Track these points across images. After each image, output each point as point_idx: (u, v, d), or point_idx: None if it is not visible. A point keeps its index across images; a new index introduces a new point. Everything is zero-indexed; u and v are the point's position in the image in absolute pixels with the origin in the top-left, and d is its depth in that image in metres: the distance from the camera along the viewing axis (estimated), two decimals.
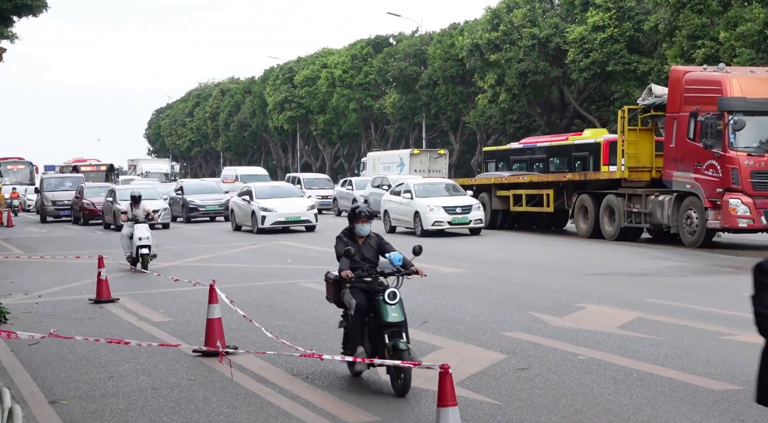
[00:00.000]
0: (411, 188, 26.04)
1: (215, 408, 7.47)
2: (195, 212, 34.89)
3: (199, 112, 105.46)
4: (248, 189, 29.81)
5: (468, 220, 24.79)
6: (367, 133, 76.83)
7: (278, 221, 27.69)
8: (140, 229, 17.33)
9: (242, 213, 29.19)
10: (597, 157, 31.08)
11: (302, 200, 29.58)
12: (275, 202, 28.25)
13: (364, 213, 8.25)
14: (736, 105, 19.00)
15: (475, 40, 51.71)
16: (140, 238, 17.17)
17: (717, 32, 34.89)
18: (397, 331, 7.76)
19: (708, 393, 7.38)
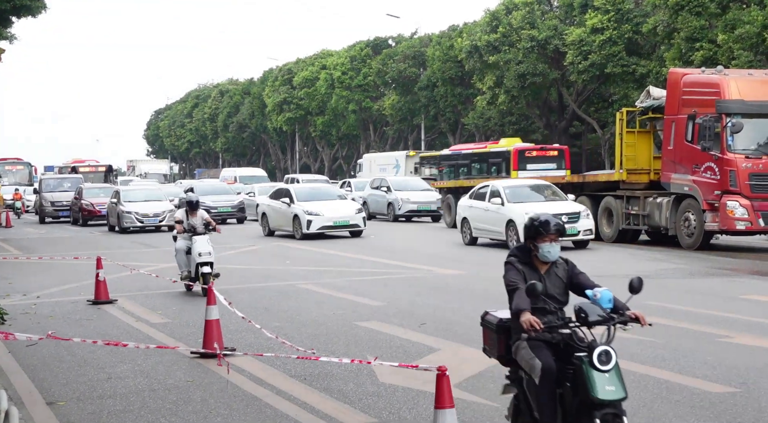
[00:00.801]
0: (500, 191, 21.55)
1: (213, 410, 7.47)
2: None
3: (198, 113, 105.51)
4: (285, 190, 27.47)
5: (576, 231, 20.06)
6: (365, 134, 76.86)
7: (326, 226, 25.32)
8: (200, 243, 14.13)
9: (279, 216, 26.74)
10: (508, 163, 36.42)
11: (348, 203, 27.37)
12: (319, 205, 25.78)
13: (555, 226, 5.78)
14: (734, 107, 19.02)
15: (474, 41, 51.77)
16: (200, 254, 14.04)
17: (715, 34, 34.94)
18: (612, 414, 5.25)
19: (705, 395, 7.39)
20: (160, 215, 30.26)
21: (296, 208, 25.82)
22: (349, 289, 14.57)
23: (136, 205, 30.45)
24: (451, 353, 9.34)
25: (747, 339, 9.62)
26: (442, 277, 16.02)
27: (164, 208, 30.40)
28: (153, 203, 30.90)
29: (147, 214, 30.11)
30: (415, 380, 7.99)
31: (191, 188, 35.84)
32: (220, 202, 33.80)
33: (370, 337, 10.44)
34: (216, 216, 32.58)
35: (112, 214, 31.58)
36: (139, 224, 29.91)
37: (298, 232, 25.64)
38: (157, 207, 30.69)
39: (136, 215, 29.94)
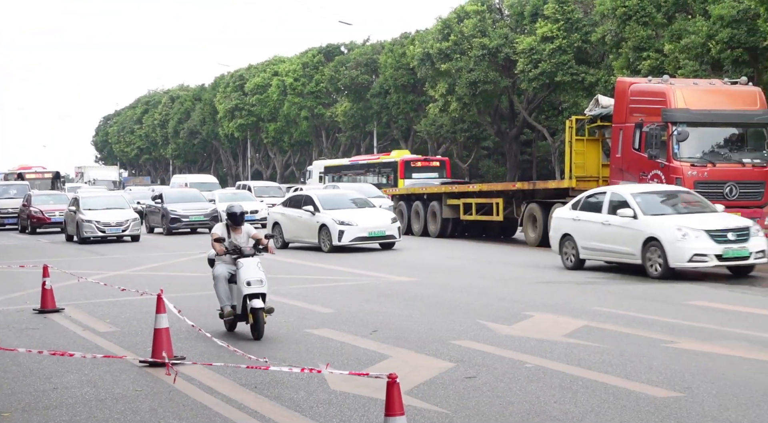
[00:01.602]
0: (629, 200, 16.54)
1: (162, 419, 7.40)
2: (177, 223, 31.56)
3: (148, 119, 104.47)
4: (306, 197, 24.32)
5: (746, 254, 15.48)
6: (318, 141, 76.76)
7: (360, 237, 22.58)
8: (248, 268, 10.76)
9: (299, 227, 23.84)
10: (396, 173, 42.38)
11: (381, 212, 24.51)
12: (350, 214, 23.01)
13: None
14: (679, 116, 19.38)
15: (426, 49, 52.05)
16: (249, 283, 10.68)
17: (662, 44, 35.58)
18: None
19: (650, 400, 7.51)
20: (123, 224, 28.43)
21: (323, 218, 22.90)
22: (300, 297, 14.54)
23: (97, 214, 28.55)
24: (402, 360, 9.37)
25: (691, 344, 9.80)
26: (393, 284, 16.05)
27: (127, 217, 28.60)
28: (115, 211, 28.99)
29: (109, 223, 28.24)
30: (366, 387, 8.00)
31: (160, 195, 33.57)
32: (191, 210, 31.97)
33: (321, 344, 10.42)
34: (187, 225, 31.71)
35: (69, 223, 29.56)
36: (101, 234, 28.11)
37: (325, 244, 22.76)
38: (120, 215, 28.76)
39: (98, 224, 28.09)
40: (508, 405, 7.50)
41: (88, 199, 30.04)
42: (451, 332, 10.88)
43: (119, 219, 28.50)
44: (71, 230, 29.38)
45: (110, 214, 28.69)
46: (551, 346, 9.86)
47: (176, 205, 32.15)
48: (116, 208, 29.52)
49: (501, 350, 9.73)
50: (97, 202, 29.76)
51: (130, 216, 28.71)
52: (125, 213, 29.05)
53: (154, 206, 33.47)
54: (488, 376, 8.53)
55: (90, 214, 28.50)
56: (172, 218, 31.61)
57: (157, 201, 33.43)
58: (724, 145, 19.82)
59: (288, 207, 24.82)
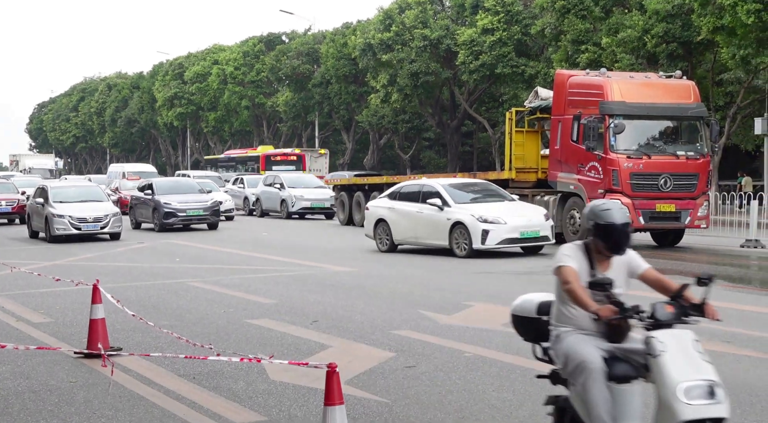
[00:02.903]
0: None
1: (97, 411, 7.28)
2: (173, 218, 27.39)
3: (84, 107, 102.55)
4: (428, 188, 19.57)
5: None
6: (259, 130, 76.23)
7: (509, 239, 18.28)
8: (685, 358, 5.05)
9: (418, 224, 19.31)
10: (258, 165, 47.15)
11: (529, 206, 20.01)
12: (492, 210, 18.62)
13: None
14: (616, 109, 19.69)
15: (368, 39, 52.02)
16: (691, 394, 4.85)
17: (599, 38, 36.13)
18: None
19: None
20: (102, 220, 23.99)
21: (457, 214, 18.47)
22: (241, 287, 14.44)
23: (71, 207, 24.23)
24: (343, 350, 9.37)
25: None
26: (334, 274, 16.04)
27: (107, 211, 24.27)
28: (92, 205, 24.73)
29: (85, 219, 23.88)
30: (306, 377, 7.98)
31: (150, 185, 28.93)
32: (189, 203, 27.65)
33: (261, 334, 10.37)
34: (184, 220, 27.51)
35: (36, 218, 25.47)
36: (75, 231, 23.84)
37: (461, 247, 18.37)
38: (98, 209, 24.39)
39: (71, 220, 23.79)
40: (447, 393, 7.55)
41: (59, 190, 25.82)
42: (391, 322, 10.91)
43: (97, 213, 24.15)
44: (37, 226, 25.34)
45: (86, 207, 24.42)
46: (490, 335, 9.95)
47: (170, 197, 27.79)
48: (93, 200, 25.32)
49: (441, 340, 9.79)
50: (69, 194, 25.60)
51: (109, 210, 24.53)
52: (103, 206, 24.76)
53: (143, 198, 28.91)
54: (428, 366, 8.57)
55: (62, 208, 24.21)
56: (166, 212, 27.37)
57: (147, 192, 28.81)
58: (659, 138, 20.21)
59: (398, 200, 20.04)
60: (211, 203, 27.88)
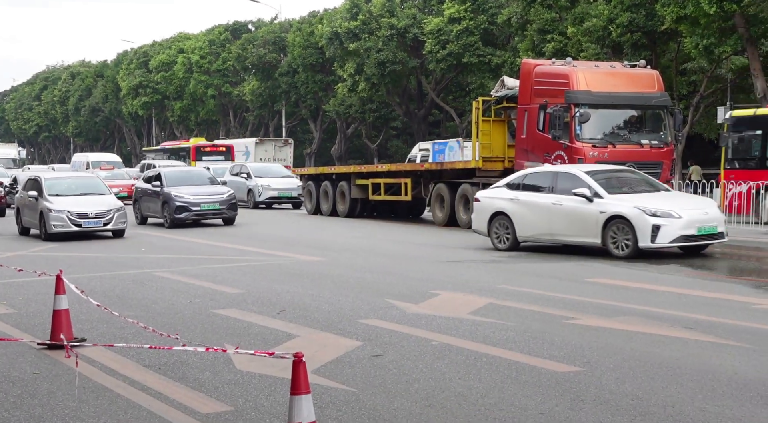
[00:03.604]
0: None
1: (61, 402, 7.22)
2: (186, 213, 24.50)
3: (47, 96, 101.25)
4: (566, 175, 16.82)
5: None
6: (225, 120, 75.78)
7: (684, 236, 15.47)
8: None
9: (557, 219, 16.49)
10: (189, 156, 49.14)
11: (697, 197, 17.95)
12: (658, 201, 15.84)
13: None
14: (582, 98, 19.82)
15: (335, 28, 51.86)
16: None
17: (565, 27, 36.32)
18: None
19: (551, 375, 7.70)
20: (105, 215, 21.49)
21: (614, 206, 15.70)
22: (207, 277, 14.36)
23: (69, 201, 21.80)
24: (310, 340, 9.36)
25: (591, 320, 10.08)
26: (301, 264, 16.01)
27: (110, 205, 21.78)
28: (93, 198, 22.22)
29: (86, 214, 21.36)
30: (273, 367, 7.97)
31: (159, 176, 25.81)
32: (203, 196, 24.80)
33: (227, 325, 10.33)
34: (198, 215, 24.63)
35: (28, 213, 22.90)
36: (75, 228, 21.33)
37: (620, 246, 15.63)
38: (100, 203, 21.89)
39: (70, 215, 21.26)
40: (414, 382, 7.58)
41: (55, 182, 23.01)
42: (358, 311, 10.92)
43: (99, 208, 21.59)
44: (29, 222, 22.97)
45: (86, 201, 21.98)
46: (457, 324, 10.00)
47: (182, 190, 24.85)
48: (93, 193, 22.70)
49: (408, 328, 9.82)
50: (66, 186, 22.93)
51: (112, 204, 21.94)
52: (105, 200, 22.20)
53: (151, 190, 25.87)
54: (395, 354, 8.60)
55: (59, 202, 21.67)
56: (179, 206, 24.42)
57: (155, 183, 25.73)
58: (624, 127, 20.39)
59: (521, 190, 17.30)
60: (227, 196, 24.94)
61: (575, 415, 6.57)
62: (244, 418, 6.70)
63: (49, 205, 21.52)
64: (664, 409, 6.65)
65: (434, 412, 6.73)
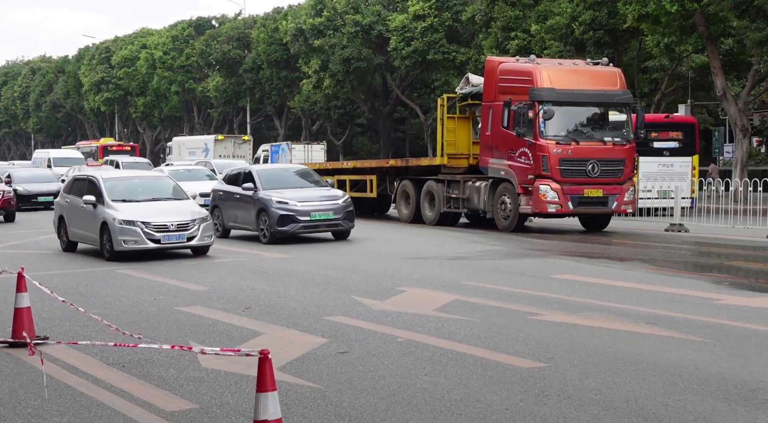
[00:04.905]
0: None
1: (22, 401, 7.14)
2: (291, 224, 18.65)
3: (7, 92, 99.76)
4: None
5: None
6: (189, 116, 75.22)
7: None
8: None
9: None
10: (97, 155, 53.78)
11: None
12: None
13: None
14: (545, 95, 19.94)
15: (299, 25, 51.72)
16: None
17: (529, 25, 36.55)
18: None
19: (516, 370, 7.76)
20: (188, 227, 16.39)
21: None
22: (171, 274, 14.26)
23: (139, 209, 16.60)
24: (276, 337, 9.34)
25: (556, 316, 10.16)
26: (267, 261, 15.95)
27: (193, 214, 16.69)
28: (169, 205, 17.12)
29: (166, 227, 16.23)
30: (238, 364, 7.94)
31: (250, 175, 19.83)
32: (313, 202, 18.95)
33: (192, 322, 10.27)
34: (307, 228, 18.87)
35: (78, 223, 17.61)
36: (152, 245, 16.16)
37: None
38: (180, 211, 16.77)
39: (146, 228, 16.12)
40: (380, 379, 7.60)
41: (117, 184, 17.59)
42: (324, 308, 10.91)
43: (180, 217, 16.47)
44: (79, 235, 17.62)
45: (161, 209, 16.83)
46: (422, 320, 10.03)
47: (285, 194, 19.02)
48: (167, 197, 17.46)
49: (374, 325, 9.83)
50: (132, 188, 17.65)
51: (196, 212, 16.83)
52: (186, 207, 16.98)
53: (239, 194, 19.91)
54: (361, 351, 8.61)
55: (127, 210, 16.47)
56: (283, 216, 18.61)
57: (246, 185, 19.63)
58: (587, 124, 20.54)
59: None
60: (343, 202, 19.23)
61: (540, 410, 6.62)
62: (210, 416, 6.67)
63: (114, 213, 16.33)
64: (628, 404, 6.73)
65: (400, 409, 6.75)
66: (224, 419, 6.59)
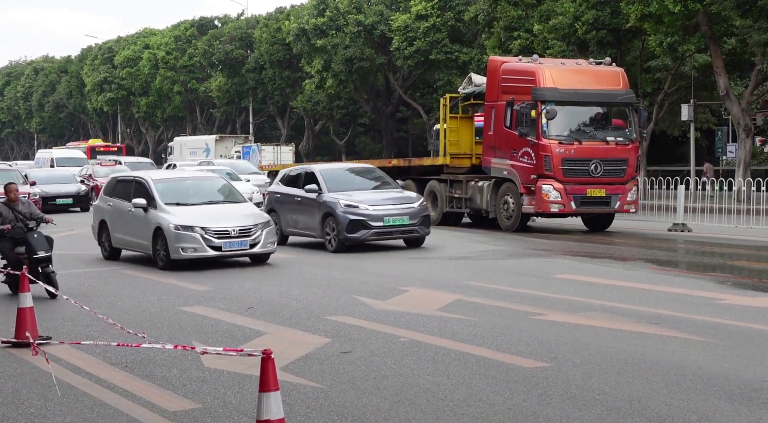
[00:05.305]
0: None
1: (26, 401, 7.15)
2: (363, 230, 16.94)
3: (10, 92, 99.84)
4: None
5: None
6: (192, 116, 75.26)
7: None
8: None
9: None
10: (85, 155, 50.86)
11: None
12: None
13: None
14: (548, 95, 19.92)
15: (302, 24, 51.71)
16: None
17: (531, 24, 36.49)
18: None
19: (519, 370, 7.75)
20: (250, 233, 14.96)
21: None
22: (174, 275, 14.26)
23: (196, 213, 15.18)
24: (278, 337, 9.34)
25: (558, 316, 10.15)
26: (270, 261, 15.95)
27: (255, 218, 15.30)
28: (227, 208, 15.76)
29: (227, 232, 14.82)
30: (241, 364, 7.95)
31: None
32: (387, 206, 17.27)
33: (195, 322, 10.28)
34: (380, 234, 17.12)
35: (123, 228, 16.20)
36: (212, 252, 14.75)
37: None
38: (240, 215, 15.38)
39: (205, 234, 14.69)
40: (382, 378, 7.60)
41: (170, 185, 16.14)
42: (327, 308, 10.92)
43: (241, 222, 15.04)
44: (124, 241, 16.23)
45: (219, 212, 15.41)
46: (425, 320, 10.03)
47: (354, 196, 17.27)
48: (223, 200, 16.13)
49: (376, 325, 9.83)
50: (184, 190, 16.21)
51: (257, 216, 15.53)
52: (245, 211, 15.66)
53: (300, 197, 18.14)
54: (363, 351, 8.60)
55: (183, 215, 15.05)
56: (353, 222, 16.82)
57: (309, 187, 17.83)
58: (590, 124, 20.51)
59: None
60: (419, 206, 17.39)
61: (543, 410, 6.62)
62: (212, 416, 6.67)
63: (169, 217, 14.87)
64: (630, 404, 6.73)
65: (403, 408, 6.75)
66: (227, 419, 6.59)
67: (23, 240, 12.05)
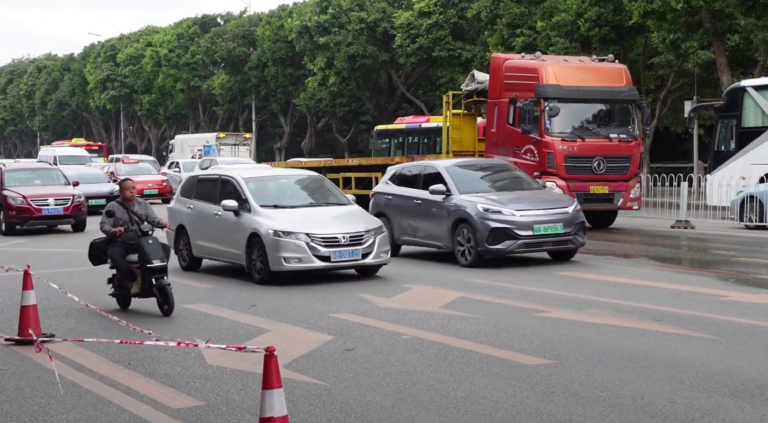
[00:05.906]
0: None
1: (29, 398, 7.15)
2: (508, 241, 14.06)
3: (13, 90, 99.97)
4: None
5: None
6: (195, 114, 75.30)
7: None
8: None
9: None
10: None
11: None
12: None
13: None
14: (551, 92, 19.90)
15: (304, 22, 51.72)
16: None
17: (534, 21, 36.47)
18: None
19: (522, 367, 7.75)
20: (363, 241, 12.85)
21: None
22: (177, 272, 14.25)
23: (296, 217, 13.06)
24: (281, 334, 9.34)
25: (561, 313, 10.15)
26: None
27: (366, 224, 13.24)
28: (329, 211, 13.72)
29: (336, 240, 12.70)
30: (244, 362, 7.95)
31: None
32: (537, 212, 14.31)
33: (198, 319, 10.28)
34: (529, 245, 14.28)
35: (207, 235, 14.09)
36: (320, 264, 12.66)
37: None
38: (347, 219, 13.37)
39: (311, 241, 12.58)
40: (385, 376, 7.59)
41: (263, 185, 14.03)
42: (330, 306, 10.91)
43: (351, 228, 12.97)
44: (207, 249, 14.14)
45: (325, 216, 13.40)
46: (428, 318, 10.03)
47: (490, 198, 14.61)
48: (326, 202, 14.00)
49: (379, 322, 9.83)
50: (280, 191, 14.14)
51: (369, 221, 13.47)
52: (354, 215, 13.66)
53: (421, 199, 15.49)
54: (366, 348, 8.60)
55: (283, 219, 12.91)
56: (495, 230, 14.02)
57: (437, 188, 15.04)
58: (593, 121, 20.49)
59: None
60: (573, 211, 14.60)
61: (546, 407, 6.62)
62: (216, 413, 6.67)
63: (268, 222, 12.77)
64: (634, 401, 6.72)
65: (406, 406, 6.75)
66: (230, 416, 6.60)
67: (136, 246, 10.44)
